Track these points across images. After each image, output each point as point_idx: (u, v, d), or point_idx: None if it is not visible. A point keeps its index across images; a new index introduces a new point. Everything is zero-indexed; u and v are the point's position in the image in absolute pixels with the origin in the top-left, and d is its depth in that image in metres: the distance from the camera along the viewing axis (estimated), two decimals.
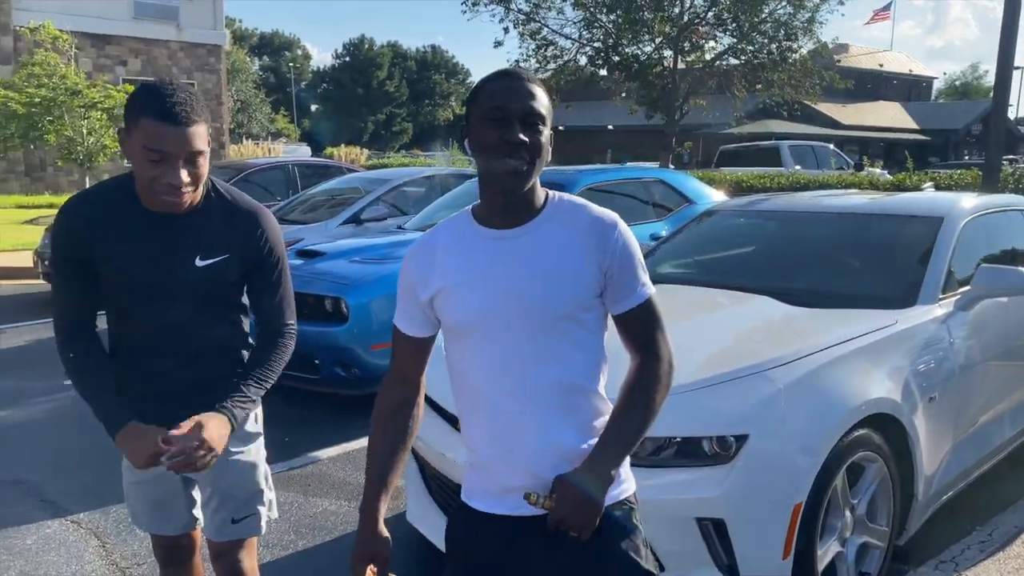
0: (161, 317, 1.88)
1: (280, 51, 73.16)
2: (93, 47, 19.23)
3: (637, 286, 1.57)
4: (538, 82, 1.54)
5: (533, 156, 1.48)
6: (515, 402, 1.55)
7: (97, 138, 13.66)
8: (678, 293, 3.71)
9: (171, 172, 1.68)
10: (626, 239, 1.56)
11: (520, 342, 1.53)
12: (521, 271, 1.53)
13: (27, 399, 5.40)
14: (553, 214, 1.57)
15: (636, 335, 1.60)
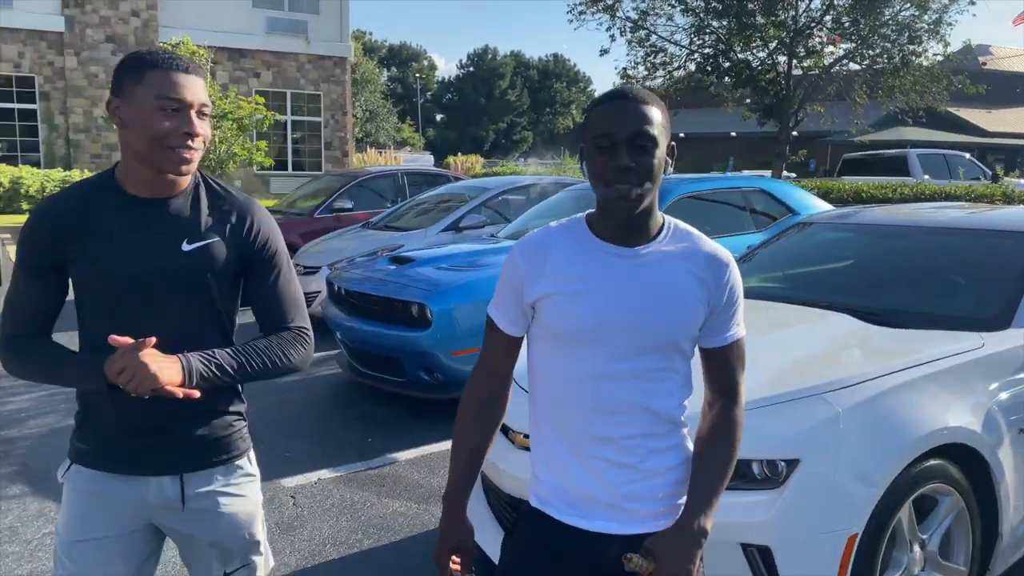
0: (137, 317, 1.66)
1: (407, 62, 75.39)
2: (230, 60, 20.41)
3: (733, 325, 1.60)
4: (651, 99, 1.51)
5: (644, 180, 1.47)
6: (601, 419, 1.56)
7: (228, 146, 14.48)
8: (753, 309, 3.59)
9: (187, 121, 1.61)
10: (736, 279, 1.59)
11: (623, 361, 1.54)
12: (644, 292, 1.53)
13: None
14: (671, 240, 1.57)
15: (721, 374, 1.62)
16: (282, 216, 9.73)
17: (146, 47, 15.07)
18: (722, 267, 1.57)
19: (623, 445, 1.56)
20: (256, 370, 1.72)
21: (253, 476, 1.87)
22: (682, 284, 1.54)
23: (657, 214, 1.57)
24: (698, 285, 1.54)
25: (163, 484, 1.73)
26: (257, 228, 1.78)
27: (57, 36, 18.40)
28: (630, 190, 1.46)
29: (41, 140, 18.73)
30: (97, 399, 1.70)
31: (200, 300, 1.72)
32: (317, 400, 5.64)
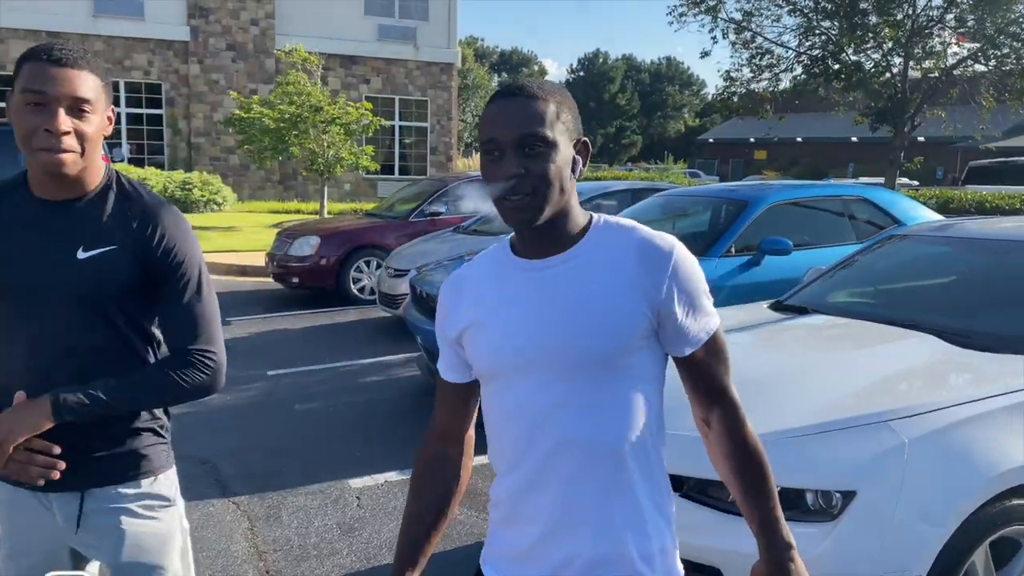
0: (34, 332, 1.55)
1: (518, 67, 76.00)
2: (342, 67, 21.11)
3: (698, 322, 1.34)
4: (545, 92, 1.32)
5: (537, 185, 1.27)
6: (542, 459, 1.34)
7: (335, 151, 14.94)
8: (829, 327, 3.38)
9: (50, 118, 1.45)
10: (684, 265, 1.33)
11: (549, 391, 1.32)
12: (552, 307, 1.32)
13: (231, 385, 5.98)
14: (596, 241, 1.35)
15: (703, 381, 1.38)
16: (379, 219, 9.94)
17: (263, 55, 15.76)
18: (660, 254, 1.32)
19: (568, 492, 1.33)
20: (146, 399, 1.59)
21: (167, 499, 1.69)
22: (602, 289, 1.31)
23: (576, 218, 1.36)
24: (628, 285, 1.31)
25: (65, 501, 1.61)
26: (161, 234, 1.58)
27: (183, 45, 19.49)
28: (521, 201, 1.27)
29: (165, 143, 19.88)
30: (2, 406, 1.56)
31: (96, 314, 1.55)
32: (394, 402, 5.70)
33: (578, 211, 1.37)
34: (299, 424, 5.20)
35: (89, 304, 1.55)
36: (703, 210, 6.48)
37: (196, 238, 1.66)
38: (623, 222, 1.39)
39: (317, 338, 7.64)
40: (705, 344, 1.35)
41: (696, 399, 1.41)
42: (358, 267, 9.14)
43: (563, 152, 1.31)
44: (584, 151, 1.37)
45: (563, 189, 1.31)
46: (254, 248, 12.09)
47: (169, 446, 1.73)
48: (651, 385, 1.36)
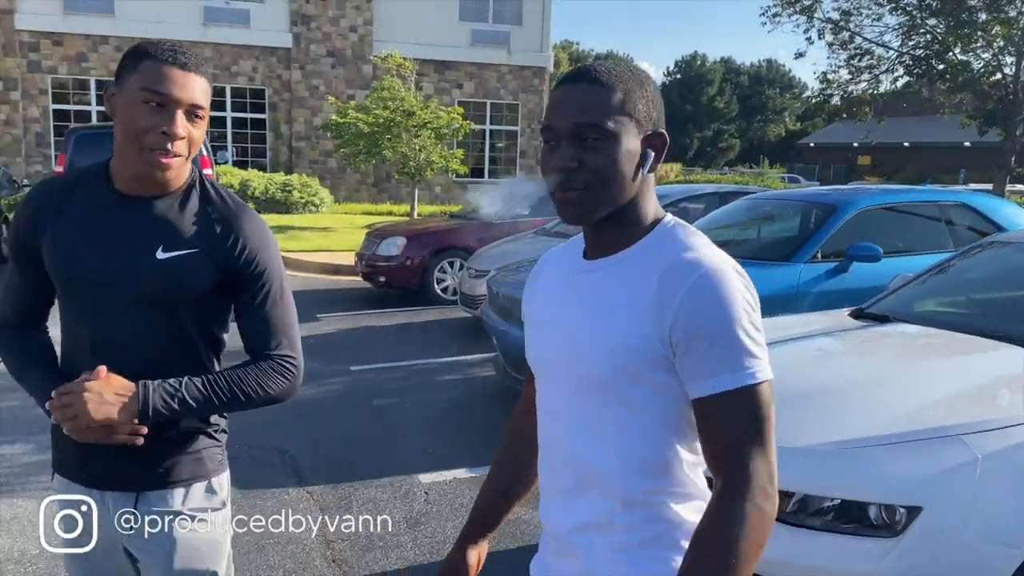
0: (102, 328, 1.54)
1: None
2: (436, 72, 21.48)
3: (718, 366, 1.12)
4: (613, 78, 1.19)
5: (590, 180, 1.18)
6: (548, 470, 1.33)
7: (426, 154, 15.23)
8: (911, 336, 3.24)
9: (168, 120, 1.44)
10: (704, 294, 1.12)
11: (561, 402, 1.28)
12: (578, 316, 1.24)
13: (315, 379, 6.19)
14: (648, 248, 1.22)
15: (709, 440, 1.16)
16: (464, 221, 10.06)
17: (361, 60, 16.21)
18: (679, 277, 1.14)
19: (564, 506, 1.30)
20: (225, 403, 1.55)
21: (220, 503, 1.68)
22: (621, 306, 1.19)
23: (642, 218, 1.24)
24: (643, 307, 1.16)
25: (120, 500, 1.61)
26: (244, 242, 1.56)
27: (285, 52, 20.23)
28: (570, 195, 1.19)
29: (268, 147, 20.67)
30: None
31: (168, 315, 1.55)
32: (469, 401, 5.76)
33: (647, 211, 1.25)
34: (376, 419, 5.31)
35: (162, 305, 1.54)
36: (790, 214, 6.29)
37: (277, 243, 1.65)
38: (685, 231, 1.23)
39: (400, 336, 7.79)
40: (721, 396, 1.13)
41: (705, 458, 1.19)
42: (442, 268, 9.27)
43: (626, 145, 1.19)
44: (659, 144, 1.23)
45: (623, 185, 1.20)
46: (347, 248, 12.41)
47: (224, 449, 1.72)
48: (661, 423, 1.20)
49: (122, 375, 1.50)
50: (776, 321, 4.02)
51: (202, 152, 10.13)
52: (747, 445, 1.12)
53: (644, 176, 1.22)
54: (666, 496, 1.22)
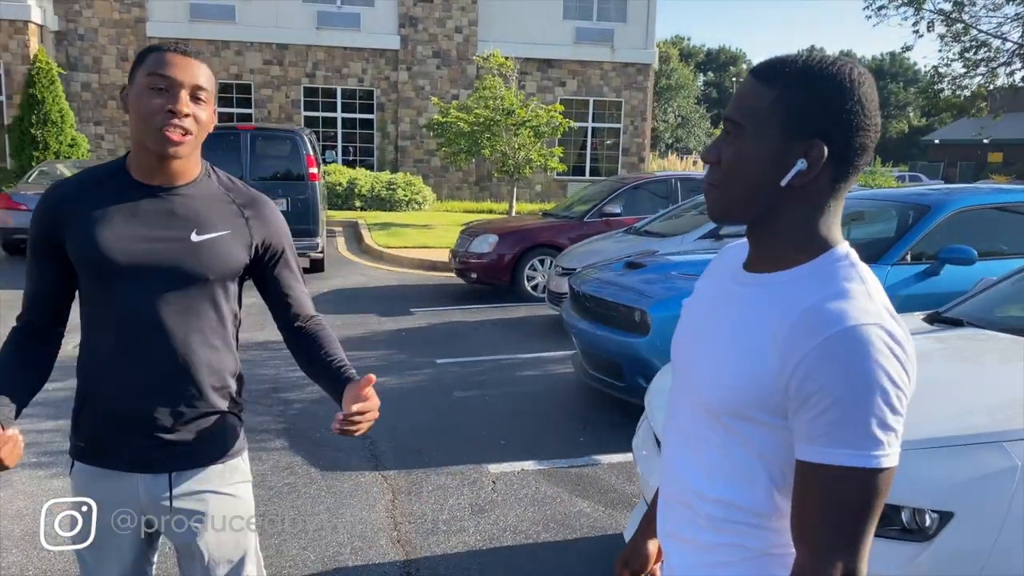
0: (142, 309, 1.63)
1: (725, 67, 73.84)
2: (539, 71, 21.63)
3: (829, 436, 1.01)
4: (767, 68, 1.12)
5: (721, 177, 1.14)
6: (663, 469, 1.31)
7: (525, 153, 15.40)
8: (980, 340, 3.13)
9: (174, 99, 1.56)
10: (833, 355, 1.00)
11: (679, 409, 1.26)
12: (710, 329, 1.20)
13: (403, 370, 6.44)
14: (797, 279, 1.11)
15: (798, 510, 1.07)
16: (555, 219, 10.16)
17: (465, 61, 16.52)
18: (808, 331, 1.03)
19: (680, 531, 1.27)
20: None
21: (246, 477, 1.82)
22: (750, 336, 1.11)
23: (807, 241, 1.12)
24: (770, 346, 1.07)
25: (152, 481, 1.70)
26: (269, 223, 1.75)
27: (393, 53, 20.84)
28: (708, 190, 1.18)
29: (375, 146, 21.34)
30: (93, 392, 1.69)
31: (204, 295, 1.67)
32: (546, 397, 5.86)
33: (810, 232, 1.12)
34: (455, 410, 5.49)
35: (199, 286, 1.65)
36: (883, 214, 6.09)
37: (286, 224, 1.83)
38: (849, 271, 1.09)
39: (487, 331, 7.97)
40: (811, 467, 1.03)
41: (791, 521, 1.10)
42: (532, 265, 9.41)
43: (760, 145, 1.09)
44: (814, 155, 1.07)
45: (751, 189, 1.11)
46: (444, 245, 12.73)
47: (243, 427, 1.85)
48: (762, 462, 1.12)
49: (162, 358, 1.64)
50: None
51: (308, 151, 10.62)
52: (833, 530, 1.03)
53: (795, 187, 1.09)
54: (755, 528, 1.15)
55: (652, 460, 2.86)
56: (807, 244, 1.12)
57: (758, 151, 1.09)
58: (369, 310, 8.80)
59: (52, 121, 17.51)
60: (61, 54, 19.30)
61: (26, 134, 17.36)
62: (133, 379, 1.65)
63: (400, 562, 3.42)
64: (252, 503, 1.83)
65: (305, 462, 4.48)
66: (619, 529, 3.72)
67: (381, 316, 8.51)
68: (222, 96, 20.41)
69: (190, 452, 1.71)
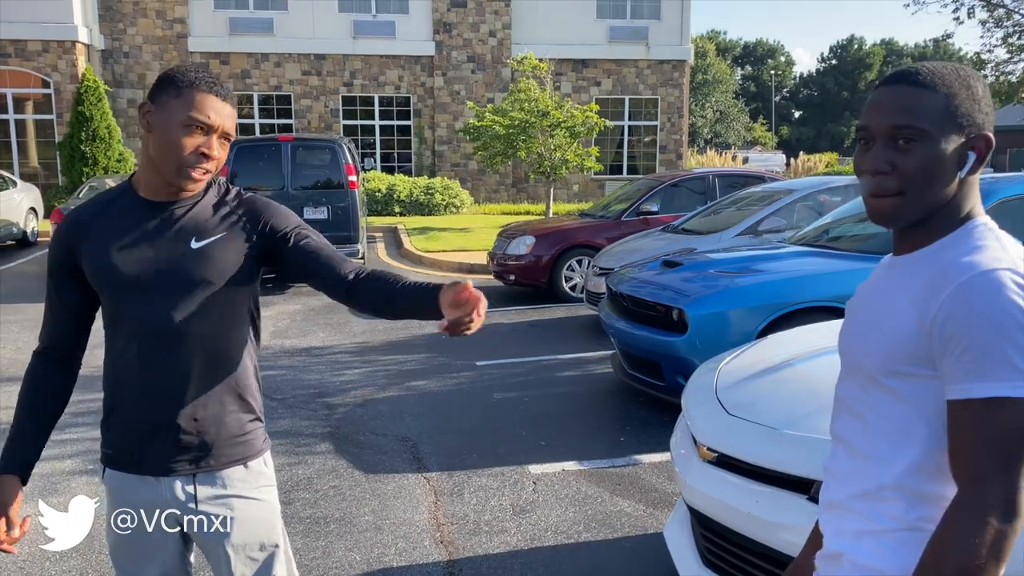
0: (155, 317, 1.70)
1: (763, 60, 73.01)
2: (573, 71, 21.64)
3: (973, 372, 1.10)
4: (919, 75, 1.20)
5: (904, 186, 1.19)
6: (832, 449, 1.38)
7: (561, 153, 15.43)
8: None
9: (207, 142, 1.65)
10: (966, 299, 1.11)
11: (841, 386, 1.35)
12: (865, 309, 1.31)
13: (443, 372, 6.52)
14: (940, 248, 1.22)
15: (954, 447, 1.14)
16: (592, 219, 10.17)
17: (500, 64, 16.59)
18: (944, 281, 1.15)
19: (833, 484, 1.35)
20: None
21: (269, 480, 1.86)
22: (896, 302, 1.22)
23: (951, 220, 1.23)
24: (912, 303, 1.19)
25: (177, 485, 1.76)
26: (269, 214, 1.80)
27: (428, 60, 21.04)
28: (880, 203, 1.22)
29: (413, 152, 21.55)
30: (117, 401, 1.76)
31: (212, 299, 1.72)
32: (586, 396, 5.89)
33: (960, 212, 1.24)
34: (496, 411, 5.54)
35: (205, 289, 1.71)
36: None
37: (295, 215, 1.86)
38: (985, 232, 1.21)
39: (526, 333, 8.02)
40: (971, 403, 1.10)
41: (949, 462, 1.16)
42: (570, 266, 9.43)
43: (943, 148, 1.19)
44: (983, 147, 1.21)
45: (937, 190, 1.20)
46: (482, 248, 12.82)
47: (264, 429, 1.89)
48: (921, 417, 1.19)
49: (179, 365, 1.71)
50: None
51: (347, 160, 10.79)
52: (988, 460, 1.09)
53: (963, 179, 1.21)
54: (922, 488, 1.20)
55: (690, 459, 2.87)
56: (954, 221, 1.23)
57: (945, 152, 1.19)
58: None
59: (100, 137, 18.04)
60: (107, 72, 19.87)
61: (76, 151, 17.90)
62: (153, 387, 1.71)
63: (443, 563, 3.48)
64: (277, 505, 1.88)
65: (350, 465, 4.57)
66: (660, 528, 3.73)
67: (421, 321, 8.59)
68: (263, 108, 20.80)
69: (212, 455, 1.76)
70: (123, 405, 1.75)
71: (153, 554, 1.79)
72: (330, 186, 10.77)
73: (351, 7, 20.64)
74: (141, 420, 1.74)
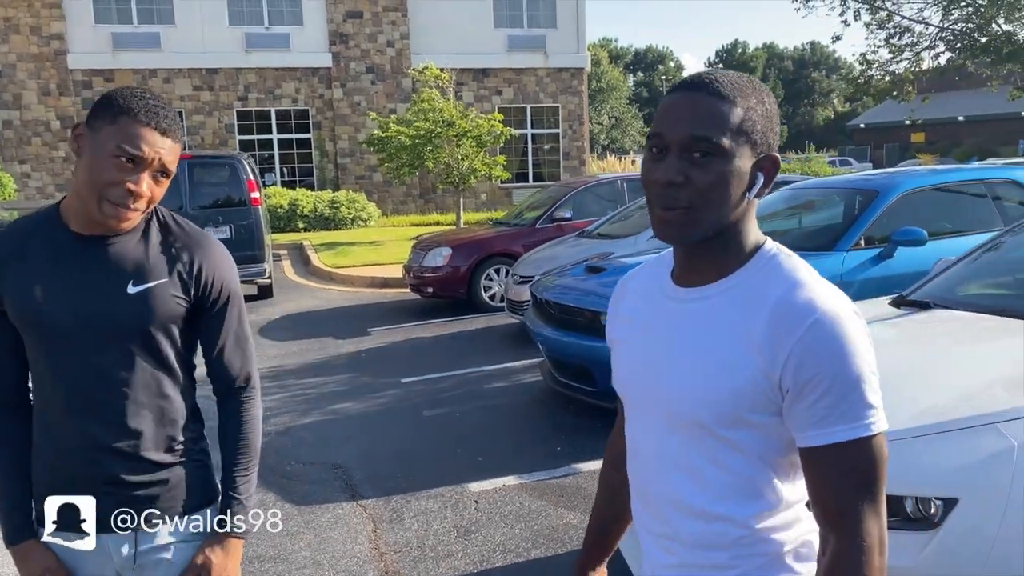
0: (84, 366, 1.54)
1: (653, 65, 75.02)
2: (475, 80, 21.62)
3: (832, 415, 1.06)
4: (720, 84, 1.12)
5: (695, 199, 1.11)
6: (643, 505, 1.28)
7: (468, 163, 15.36)
8: (950, 322, 3.18)
9: (136, 179, 1.48)
10: (821, 339, 1.05)
11: (655, 438, 1.22)
12: (670, 349, 1.19)
13: (367, 393, 6.32)
14: (749, 279, 1.15)
15: (816, 493, 1.10)
16: (507, 227, 10.13)
17: (400, 74, 16.33)
18: (795, 318, 1.07)
19: (661, 546, 1.26)
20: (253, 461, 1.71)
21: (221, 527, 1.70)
22: (723, 344, 1.12)
23: (742, 244, 1.16)
24: (749, 347, 1.10)
25: (118, 541, 1.61)
26: (210, 269, 1.63)
27: (326, 71, 20.61)
28: (669, 215, 1.12)
29: (314, 165, 21.06)
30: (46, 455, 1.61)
31: (146, 348, 1.57)
32: (517, 407, 5.81)
33: (748, 236, 1.18)
34: (426, 429, 5.40)
35: (139, 338, 1.56)
36: (831, 202, 6.20)
37: (235, 268, 1.71)
38: (790, 262, 1.15)
39: (449, 346, 7.89)
40: (833, 448, 1.07)
41: (812, 510, 1.13)
42: (488, 275, 9.36)
43: (738, 165, 1.11)
44: (770, 168, 1.15)
45: (727, 209, 1.13)
46: (395, 261, 12.59)
47: (212, 472, 1.75)
48: (763, 462, 1.15)
49: (107, 412, 1.55)
50: None
51: (248, 176, 10.41)
52: (859, 502, 1.07)
53: (749, 200, 1.15)
54: (770, 531, 1.17)
55: None
56: (744, 248, 1.17)
57: (739, 169, 1.11)
58: (325, 333, 8.63)
59: None
60: None
61: None
62: (84, 440, 1.56)
63: None
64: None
65: (279, 498, 4.34)
66: None
67: (338, 339, 8.35)
68: None
69: (151, 506, 1.62)
70: (52, 459, 1.60)
71: None
72: (231, 204, 10.37)
73: (243, 19, 20.00)
74: (71, 476, 1.59)
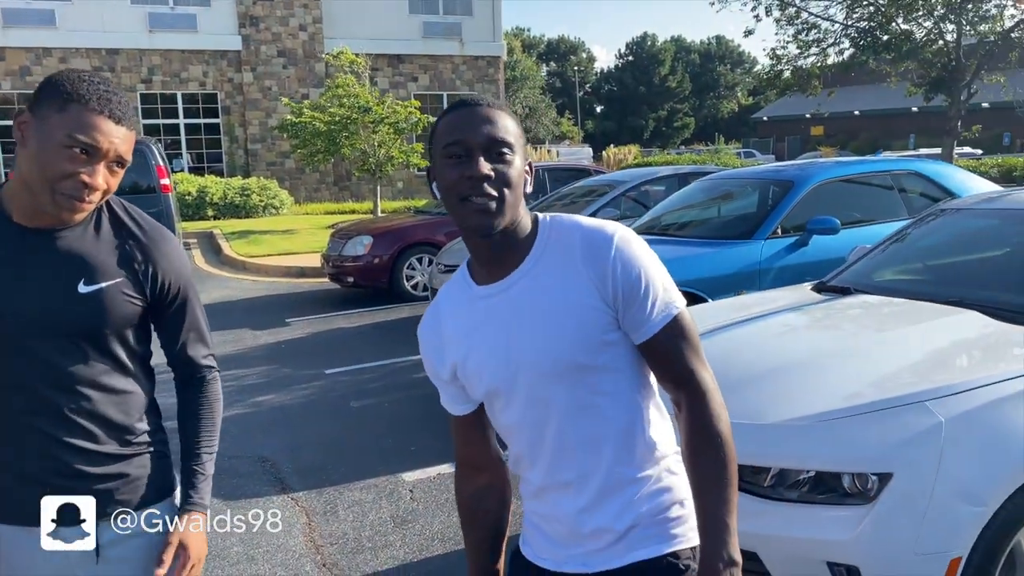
0: (32, 363, 1.46)
1: (566, 56, 75.61)
2: (390, 66, 21.35)
3: (654, 306, 1.32)
4: (502, 107, 1.37)
5: (502, 188, 1.31)
6: (552, 460, 1.40)
7: (386, 150, 15.17)
8: (872, 306, 3.34)
9: (90, 171, 1.40)
10: (627, 252, 1.32)
11: (541, 402, 1.37)
12: (515, 326, 1.36)
13: (290, 384, 6.19)
14: (544, 248, 1.37)
15: (666, 367, 1.35)
16: (429, 216, 10.06)
17: (313, 59, 15.93)
18: (601, 246, 1.32)
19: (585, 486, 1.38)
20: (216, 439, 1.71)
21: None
22: (556, 296, 1.34)
23: (525, 227, 1.38)
24: (579, 284, 1.33)
25: (79, 534, 1.54)
26: (167, 270, 1.58)
27: (235, 54, 19.98)
28: (487, 202, 1.29)
29: (224, 151, 20.42)
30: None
31: (98, 347, 1.51)
32: None
33: (526, 221, 1.39)
34: (355, 420, 5.33)
35: (92, 338, 1.50)
36: (748, 192, 6.41)
37: (187, 259, 1.68)
38: (566, 219, 1.39)
39: (373, 336, 7.80)
40: (664, 328, 1.33)
41: (663, 385, 1.39)
42: (411, 264, 9.28)
43: (520, 164, 1.35)
44: (530, 172, 1.40)
45: (520, 200, 1.35)
46: (311, 250, 12.35)
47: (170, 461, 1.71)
48: (631, 375, 1.37)
49: (57, 412, 1.49)
50: (742, 300, 4.12)
51: (158, 162, 10.01)
52: (695, 360, 1.35)
53: (526, 193, 1.39)
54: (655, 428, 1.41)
55: None
56: (527, 228, 1.39)
57: (521, 168, 1.34)
58: (240, 324, 8.40)
59: None
60: None
61: None
62: (39, 436, 1.49)
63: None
64: None
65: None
66: None
67: (255, 330, 8.14)
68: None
69: (112, 498, 1.57)
70: (5, 458, 1.52)
71: None
72: (139, 191, 9.94)
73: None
74: (27, 467, 1.51)
